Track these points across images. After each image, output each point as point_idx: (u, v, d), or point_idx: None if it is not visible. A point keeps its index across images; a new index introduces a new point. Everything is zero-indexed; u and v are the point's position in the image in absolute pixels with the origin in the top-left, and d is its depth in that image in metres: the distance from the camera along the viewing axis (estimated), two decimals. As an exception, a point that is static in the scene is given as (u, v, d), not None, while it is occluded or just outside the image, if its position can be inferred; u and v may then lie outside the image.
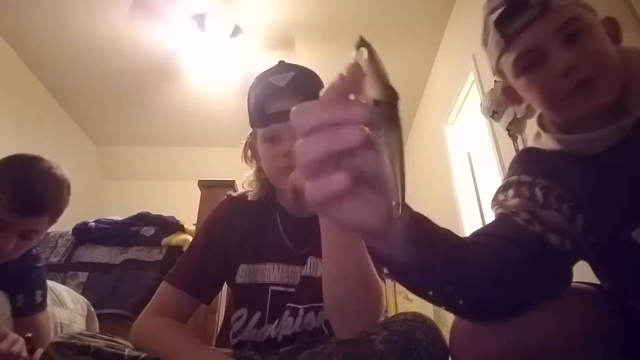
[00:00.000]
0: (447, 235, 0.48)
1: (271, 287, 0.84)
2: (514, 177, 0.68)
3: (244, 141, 0.93)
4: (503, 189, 0.69)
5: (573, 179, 0.65)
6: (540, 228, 0.58)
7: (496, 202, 0.68)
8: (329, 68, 0.88)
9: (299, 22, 3.12)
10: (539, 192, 0.63)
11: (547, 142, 0.71)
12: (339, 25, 3.15)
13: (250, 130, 0.91)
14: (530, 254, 0.54)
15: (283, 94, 0.81)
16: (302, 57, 3.30)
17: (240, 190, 0.98)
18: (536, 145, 0.75)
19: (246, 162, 0.93)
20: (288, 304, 0.81)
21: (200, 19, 3.01)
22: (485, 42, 0.74)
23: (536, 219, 0.59)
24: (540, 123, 0.75)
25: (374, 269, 0.71)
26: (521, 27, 0.66)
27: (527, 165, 0.70)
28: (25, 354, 0.87)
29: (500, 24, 0.68)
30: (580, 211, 0.63)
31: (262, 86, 0.83)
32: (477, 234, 0.59)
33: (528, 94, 0.70)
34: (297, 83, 0.82)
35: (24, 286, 1.06)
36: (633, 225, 0.60)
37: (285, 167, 0.79)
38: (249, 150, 0.92)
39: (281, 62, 0.87)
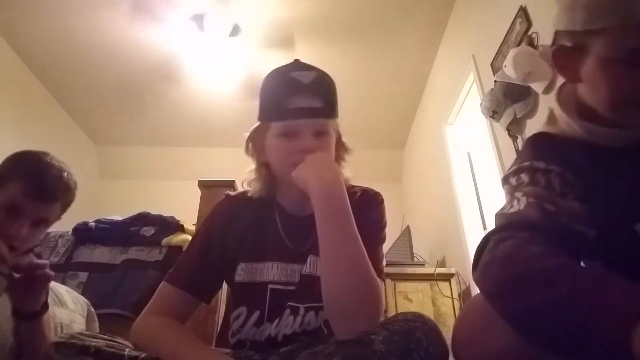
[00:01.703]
0: None
1: (270, 286, 0.83)
2: (527, 163, 0.66)
3: (247, 134, 0.90)
4: (514, 173, 0.67)
5: (585, 168, 0.64)
6: (566, 219, 0.57)
7: (509, 186, 0.67)
8: (328, 64, 0.88)
9: (297, 20, 3.12)
10: (555, 180, 0.62)
11: (567, 128, 0.68)
12: (339, 24, 3.14)
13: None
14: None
15: (306, 91, 0.82)
16: (301, 55, 3.28)
17: (240, 189, 0.98)
18: (548, 130, 0.72)
19: (249, 155, 0.91)
20: (289, 303, 0.81)
21: (199, 19, 3.01)
22: None
23: (560, 211, 0.58)
24: (564, 106, 0.70)
25: (372, 269, 0.71)
26: None
27: (539, 151, 0.68)
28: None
29: None
30: (588, 201, 0.62)
31: (283, 81, 0.83)
32: (527, 226, 0.57)
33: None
34: (320, 83, 0.84)
35: (24, 286, 1.06)
36: (637, 218, 0.60)
37: (300, 163, 0.80)
38: (251, 144, 0.90)
39: (298, 61, 0.88)
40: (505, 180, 0.68)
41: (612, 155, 0.64)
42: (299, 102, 0.81)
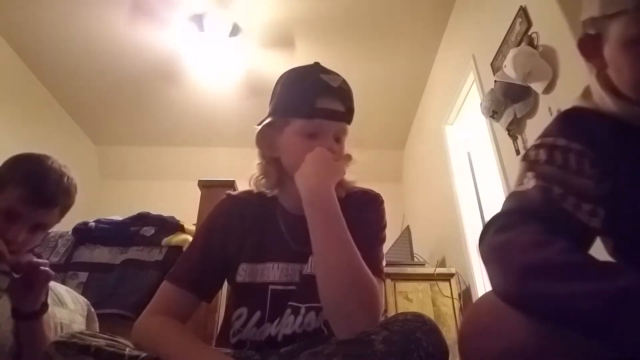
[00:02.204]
0: None
1: (271, 287, 0.84)
2: (549, 139, 0.68)
3: (257, 127, 0.88)
4: (536, 147, 0.69)
5: (611, 144, 0.65)
6: (574, 200, 0.59)
7: (527, 161, 0.68)
8: (328, 65, 0.89)
9: (297, 20, 3.11)
10: (572, 159, 0.64)
11: (600, 103, 0.70)
12: (339, 23, 3.14)
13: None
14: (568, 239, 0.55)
15: (335, 94, 0.84)
16: (302, 55, 3.29)
17: (240, 189, 0.98)
18: (582, 104, 0.73)
19: (261, 149, 0.89)
20: (290, 302, 0.81)
21: (198, 19, 3.02)
22: None
23: (569, 192, 0.60)
24: (601, 81, 0.72)
25: (366, 268, 0.71)
26: None
27: (565, 128, 0.70)
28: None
29: None
30: (608, 178, 0.64)
31: (311, 81, 0.84)
32: (525, 214, 0.59)
33: (628, 64, 0.65)
34: (344, 89, 0.86)
35: (24, 286, 1.06)
36: None
37: None
38: (262, 137, 0.88)
39: (319, 64, 0.89)
40: (526, 153, 0.70)
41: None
42: (327, 103, 0.83)
